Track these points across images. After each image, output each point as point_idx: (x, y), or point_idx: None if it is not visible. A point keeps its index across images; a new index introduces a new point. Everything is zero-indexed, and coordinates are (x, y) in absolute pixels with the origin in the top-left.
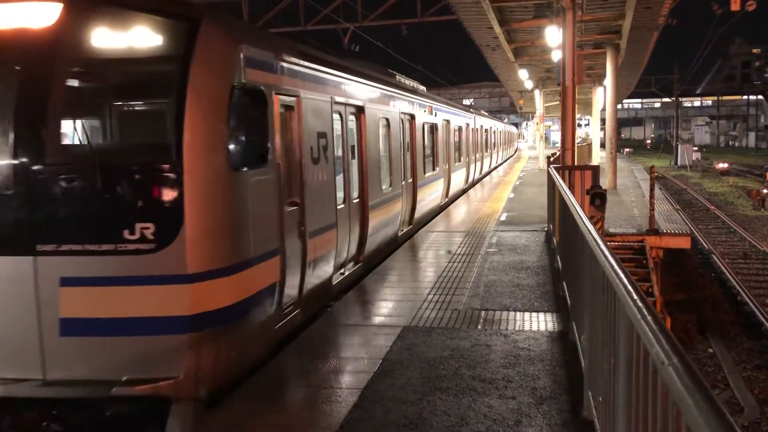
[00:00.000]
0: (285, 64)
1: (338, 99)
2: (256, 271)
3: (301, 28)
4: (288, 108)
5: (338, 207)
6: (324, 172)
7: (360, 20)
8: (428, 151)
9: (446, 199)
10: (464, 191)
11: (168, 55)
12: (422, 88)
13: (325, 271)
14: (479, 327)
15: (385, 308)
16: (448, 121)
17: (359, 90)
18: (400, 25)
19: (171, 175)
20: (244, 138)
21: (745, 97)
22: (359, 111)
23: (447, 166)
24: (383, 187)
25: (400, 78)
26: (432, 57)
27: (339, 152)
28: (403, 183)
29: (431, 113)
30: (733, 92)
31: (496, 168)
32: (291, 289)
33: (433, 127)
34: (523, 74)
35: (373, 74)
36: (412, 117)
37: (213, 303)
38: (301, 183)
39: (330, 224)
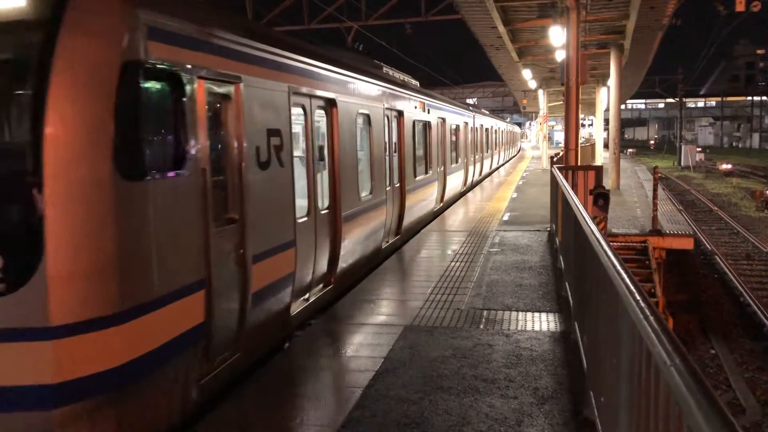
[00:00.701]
0: (217, 41)
1: (300, 89)
2: (163, 314)
3: (305, 26)
4: (222, 97)
5: (299, 221)
6: (277, 179)
7: (364, 19)
8: (420, 152)
9: (441, 204)
10: (462, 194)
11: (27, 19)
12: (415, 82)
13: (279, 300)
14: (481, 327)
15: (387, 307)
16: (443, 119)
17: (330, 79)
18: (404, 24)
19: (25, 185)
20: (144, 135)
21: (750, 98)
22: (330, 105)
23: (442, 168)
24: (362, 194)
25: (388, 70)
26: (436, 56)
27: (301, 154)
28: (389, 188)
29: (424, 110)
30: (738, 93)
31: (497, 169)
32: (223, 331)
33: (426, 126)
34: (526, 74)
35: (349, 63)
36: (400, 114)
37: (93, 364)
38: (241, 193)
39: (286, 243)
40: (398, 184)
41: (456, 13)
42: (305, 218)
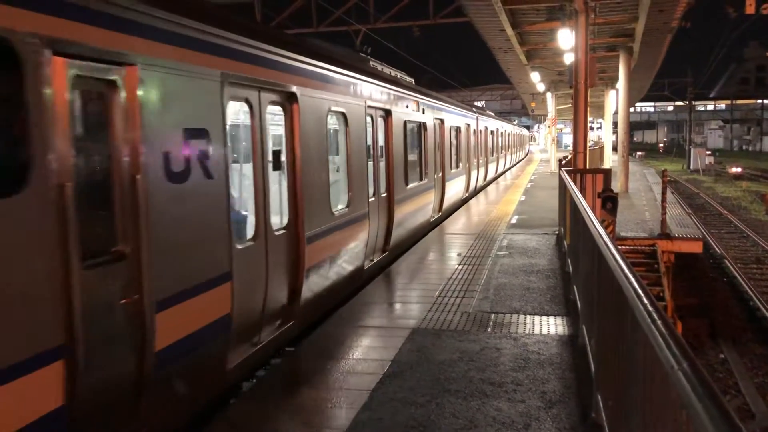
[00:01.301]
0: (92, 5)
1: (240, 78)
2: None
3: (313, 29)
4: (105, 84)
5: (239, 246)
6: (201, 195)
7: (372, 22)
8: (413, 157)
9: (440, 214)
10: (465, 201)
11: None
12: (409, 79)
13: (206, 353)
14: (489, 330)
15: (394, 310)
16: (441, 121)
17: (288, 68)
18: (413, 26)
19: None
20: None
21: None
22: (289, 100)
23: (440, 174)
24: (336, 207)
25: (376, 64)
26: (444, 59)
27: (246, 161)
28: (372, 199)
29: (418, 110)
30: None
31: (504, 173)
32: (106, 410)
33: (421, 127)
34: (535, 77)
35: (318, 51)
36: (388, 113)
37: None
38: (136, 218)
39: (216, 277)
40: (385, 194)
41: (464, 16)
42: (251, 242)
